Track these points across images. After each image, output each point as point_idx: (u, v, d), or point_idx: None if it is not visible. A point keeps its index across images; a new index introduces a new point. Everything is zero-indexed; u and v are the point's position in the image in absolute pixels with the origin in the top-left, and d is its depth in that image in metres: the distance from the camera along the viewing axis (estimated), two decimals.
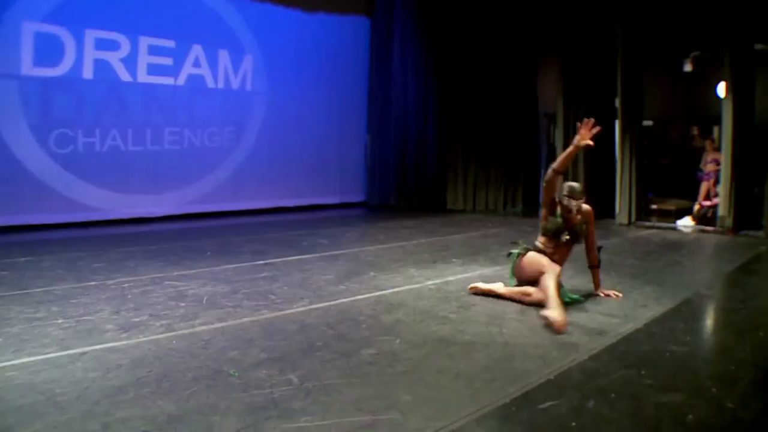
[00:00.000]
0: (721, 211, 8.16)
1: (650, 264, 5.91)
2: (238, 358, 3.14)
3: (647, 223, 9.07)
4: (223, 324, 3.78)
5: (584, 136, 4.04)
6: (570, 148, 4.13)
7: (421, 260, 6.04)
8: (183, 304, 4.23)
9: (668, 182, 12.01)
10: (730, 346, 3.29)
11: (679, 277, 5.36)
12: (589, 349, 3.23)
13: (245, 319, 3.90)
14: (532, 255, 4.31)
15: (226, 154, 10.18)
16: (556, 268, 4.13)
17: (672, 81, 12.85)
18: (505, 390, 2.70)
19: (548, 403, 2.54)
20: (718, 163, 8.97)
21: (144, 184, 9.17)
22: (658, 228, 8.75)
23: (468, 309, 4.14)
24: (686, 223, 9.01)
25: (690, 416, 2.35)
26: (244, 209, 10.17)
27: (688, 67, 12.43)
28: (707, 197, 9.39)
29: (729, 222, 8.07)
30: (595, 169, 9.57)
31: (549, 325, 3.56)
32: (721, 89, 8.50)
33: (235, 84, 10.23)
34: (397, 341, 3.43)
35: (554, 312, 3.60)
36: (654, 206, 10.31)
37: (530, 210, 11.10)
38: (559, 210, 4.31)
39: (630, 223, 8.96)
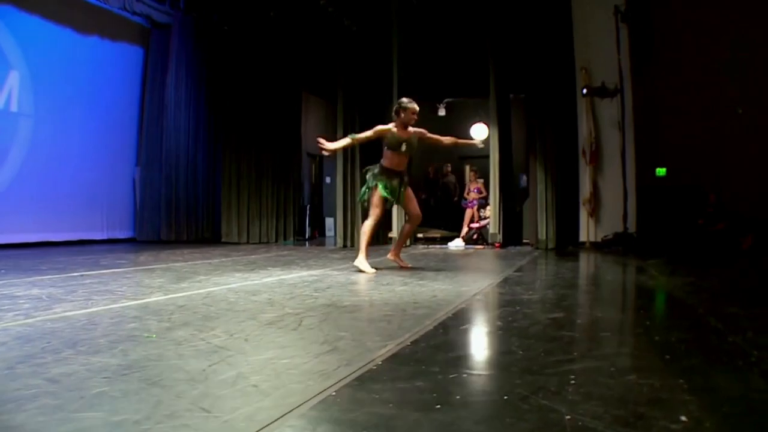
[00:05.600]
0: (492, 229, 9.48)
1: (451, 264, 6.64)
2: (140, 328, 2.86)
3: (421, 245, 10.06)
4: (90, 310, 3.36)
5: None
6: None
7: (237, 270, 5.86)
8: (23, 302, 3.63)
9: (427, 215, 13.35)
10: (568, 293, 3.99)
11: (485, 268, 6.16)
12: (462, 301, 3.63)
13: (112, 306, 3.51)
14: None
15: None
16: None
17: (429, 123, 14.45)
18: (422, 323, 2.94)
19: (466, 326, 2.87)
20: (479, 192, 10.44)
21: None
22: (435, 248, 9.75)
23: (325, 290, 4.27)
24: (457, 244, 10.18)
25: (579, 321, 2.88)
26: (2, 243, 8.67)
27: (442, 112, 14.17)
28: (471, 221, 10.68)
29: (499, 237, 9.38)
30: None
31: None
32: (476, 131, 10.00)
33: None
34: (287, 309, 3.45)
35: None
36: (420, 235, 11.41)
37: (300, 242, 11.57)
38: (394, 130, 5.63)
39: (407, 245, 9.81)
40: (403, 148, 5.66)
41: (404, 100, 5.73)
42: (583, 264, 6.77)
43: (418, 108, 5.71)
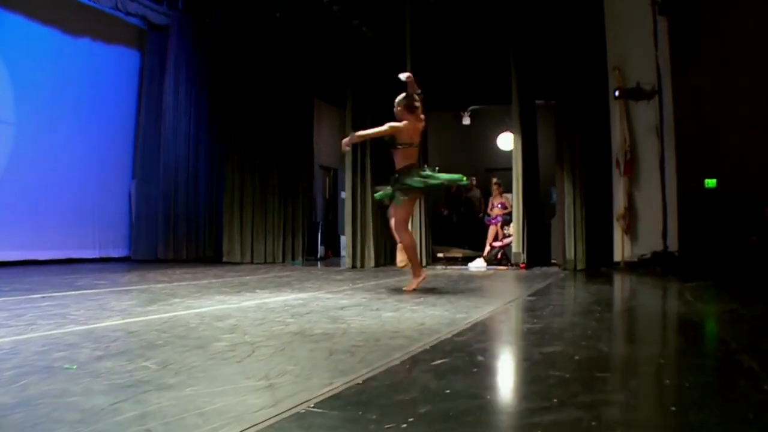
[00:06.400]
0: (516, 248, 9.18)
1: (462, 286, 6.34)
2: (66, 358, 2.68)
3: (439, 266, 9.76)
4: (24, 336, 3.21)
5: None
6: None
7: (221, 292, 5.74)
8: None
9: (449, 233, 13.14)
10: (577, 322, 3.67)
11: (496, 292, 5.87)
12: (449, 331, 3.36)
13: (53, 332, 3.34)
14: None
15: None
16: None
17: (451, 133, 14.28)
18: (390, 356, 2.70)
19: (439, 361, 2.60)
20: (504, 207, 10.10)
21: None
22: (453, 269, 9.47)
23: (303, 316, 4.09)
24: (478, 264, 9.87)
25: (577, 357, 2.59)
26: None
27: (466, 120, 13.89)
28: (495, 239, 10.36)
29: (523, 257, 9.07)
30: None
31: None
32: (504, 141, 9.72)
33: None
34: (246, 336, 3.26)
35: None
36: (440, 255, 11.09)
37: (311, 262, 11.38)
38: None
39: (422, 266, 9.47)
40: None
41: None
42: (610, 287, 6.42)
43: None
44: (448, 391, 2.08)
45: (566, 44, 8.93)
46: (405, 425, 1.70)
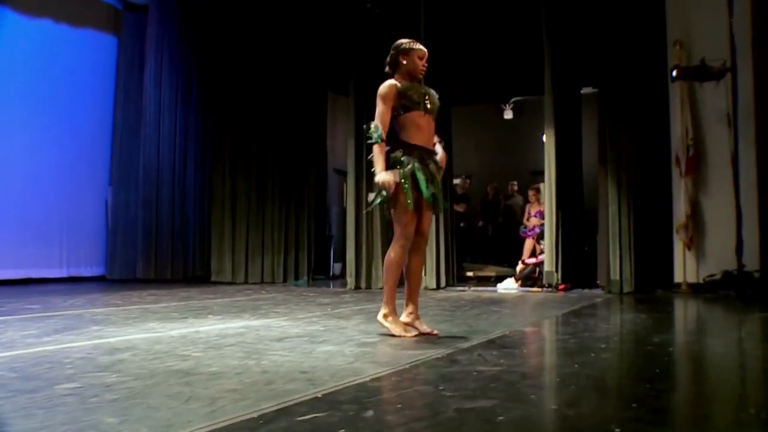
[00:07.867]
0: (548, 266, 8.75)
1: (460, 313, 6.00)
2: None
3: (459, 287, 9.41)
4: None
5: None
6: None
7: (167, 318, 5.61)
8: None
9: (485, 247, 12.73)
10: (555, 365, 3.26)
11: (494, 320, 5.49)
12: (372, 374, 3.04)
13: None
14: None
15: None
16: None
17: (492, 129, 13.98)
18: (258, 406, 2.39)
19: (312, 415, 2.26)
20: (543, 217, 9.59)
21: None
22: (475, 290, 9.12)
23: (220, 348, 3.85)
24: (509, 285, 9.51)
25: (501, 417, 2.19)
26: None
27: (508, 114, 13.43)
28: (532, 255, 9.93)
29: (556, 278, 8.64)
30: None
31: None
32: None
33: None
34: (113, 376, 3.00)
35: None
36: (470, 273, 10.72)
37: (317, 280, 11.14)
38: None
39: (438, 287, 9.19)
40: (428, 104, 4.46)
41: (404, 40, 4.57)
42: (647, 316, 5.84)
43: (426, 51, 4.57)
44: None
45: (614, 15, 8.45)
46: None
